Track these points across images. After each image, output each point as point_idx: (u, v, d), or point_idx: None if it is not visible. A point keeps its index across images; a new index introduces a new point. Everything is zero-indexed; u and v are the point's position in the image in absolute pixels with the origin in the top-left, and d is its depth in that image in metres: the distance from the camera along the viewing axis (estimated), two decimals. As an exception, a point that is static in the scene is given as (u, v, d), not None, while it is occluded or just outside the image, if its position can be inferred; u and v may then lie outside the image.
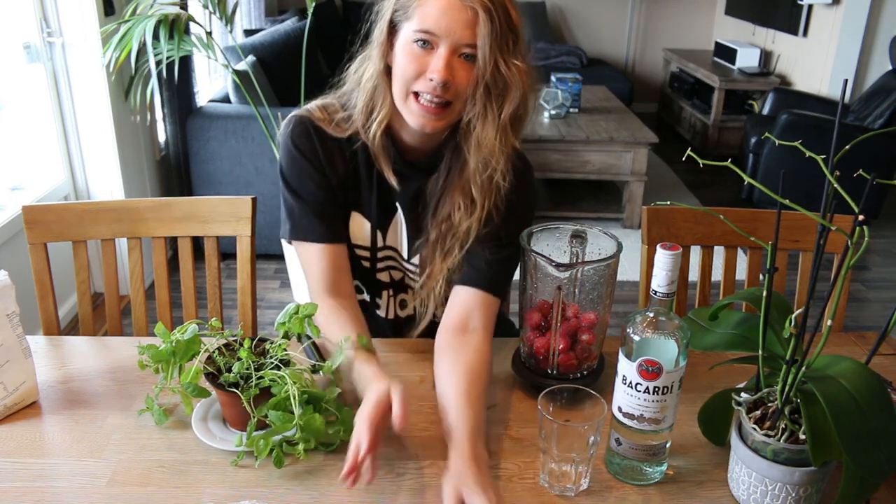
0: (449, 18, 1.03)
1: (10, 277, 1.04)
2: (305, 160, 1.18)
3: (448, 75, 1.04)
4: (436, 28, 1.03)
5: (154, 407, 1.03)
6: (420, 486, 0.93)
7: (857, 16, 4.42)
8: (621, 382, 0.92)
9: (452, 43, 1.04)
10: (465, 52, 1.05)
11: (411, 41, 1.06)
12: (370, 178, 1.21)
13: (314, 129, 1.18)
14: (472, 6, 1.02)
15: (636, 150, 3.81)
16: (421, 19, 1.04)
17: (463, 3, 1.02)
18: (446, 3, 1.03)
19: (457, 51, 1.05)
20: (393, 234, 1.26)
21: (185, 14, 2.57)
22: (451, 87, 1.06)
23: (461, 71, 1.06)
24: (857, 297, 3.31)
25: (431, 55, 1.05)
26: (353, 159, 1.20)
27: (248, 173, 3.18)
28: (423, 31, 1.04)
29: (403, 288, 1.31)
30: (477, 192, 1.14)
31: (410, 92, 1.08)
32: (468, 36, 1.03)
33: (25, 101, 2.69)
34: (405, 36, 1.07)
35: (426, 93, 1.06)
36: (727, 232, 1.44)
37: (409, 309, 1.32)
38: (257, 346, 1.04)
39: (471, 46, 1.04)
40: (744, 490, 0.89)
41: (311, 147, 1.18)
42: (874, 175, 0.76)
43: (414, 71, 1.06)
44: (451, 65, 1.05)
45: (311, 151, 1.18)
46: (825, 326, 0.82)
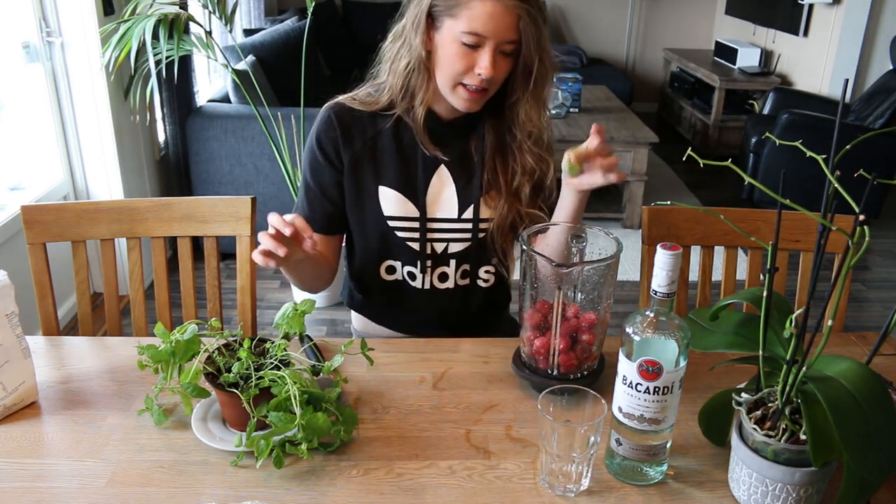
0: (496, 21, 1.14)
1: (9, 277, 1.04)
2: (321, 151, 1.30)
3: (494, 71, 1.18)
4: (483, 30, 1.15)
5: (154, 407, 1.03)
6: (420, 486, 0.93)
7: (858, 15, 4.42)
8: (621, 382, 0.92)
9: (497, 42, 1.16)
10: (506, 48, 1.18)
11: (458, 40, 1.17)
12: (399, 153, 1.31)
13: (336, 113, 1.30)
14: (516, 11, 1.14)
15: (636, 149, 3.81)
16: (469, 21, 1.15)
17: (507, 8, 1.14)
18: (493, 8, 1.13)
19: (499, 48, 1.17)
20: (434, 203, 1.33)
21: (185, 14, 2.57)
22: (494, 78, 1.20)
23: (501, 64, 1.20)
24: (857, 297, 3.31)
25: (477, 53, 1.17)
26: (375, 137, 1.31)
27: (248, 173, 3.18)
28: (471, 32, 1.15)
29: (445, 260, 1.36)
30: (532, 158, 1.32)
31: (459, 83, 1.21)
32: (511, 35, 1.16)
33: (25, 100, 2.68)
34: (451, 33, 1.17)
35: (473, 85, 1.20)
36: (727, 232, 1.44)
37: (450, 282, 1.38)
38: (257, 346, 1.04)
39: (511, 43, 1.17)
40: (744, 490, 0.89)
41: (329, 132, 1.30)
42: (875, 175, 0.76)
43: (463, 67, 1.19)
44: (495, 60, 1.18)
45: (329, 137, 1.30)
46: (826, 326, 0.81)
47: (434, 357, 1.21)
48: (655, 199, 4.17)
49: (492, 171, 1.32)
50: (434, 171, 1.32)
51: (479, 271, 1.38)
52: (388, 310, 1.44)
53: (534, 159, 1.32)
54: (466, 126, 1.32)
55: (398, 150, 1.30)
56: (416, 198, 1.31)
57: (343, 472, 0.95)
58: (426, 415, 1.07)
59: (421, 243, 1.33)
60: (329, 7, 5.54)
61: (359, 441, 1.01)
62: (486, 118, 1.32)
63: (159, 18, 2.47)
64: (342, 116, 1.30)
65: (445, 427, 1.04)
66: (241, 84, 2.91)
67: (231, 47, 3.41)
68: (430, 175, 1.32)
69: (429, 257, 1.35)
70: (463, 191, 1.32)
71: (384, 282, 1.38)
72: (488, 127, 1.32)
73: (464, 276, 1.38)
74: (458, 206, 1.33)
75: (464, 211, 1.33)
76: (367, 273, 1.39)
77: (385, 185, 1.31)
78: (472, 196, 1.32)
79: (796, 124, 3.72)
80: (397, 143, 1.30)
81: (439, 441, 1.01)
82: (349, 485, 0.93)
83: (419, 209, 1.32)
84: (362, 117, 1.30)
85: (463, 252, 1.35)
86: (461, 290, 1.39)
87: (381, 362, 1.19)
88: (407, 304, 1.40)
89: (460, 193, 1.32)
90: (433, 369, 1.19)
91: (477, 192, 1.32)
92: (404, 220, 1.32)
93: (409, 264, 1.36)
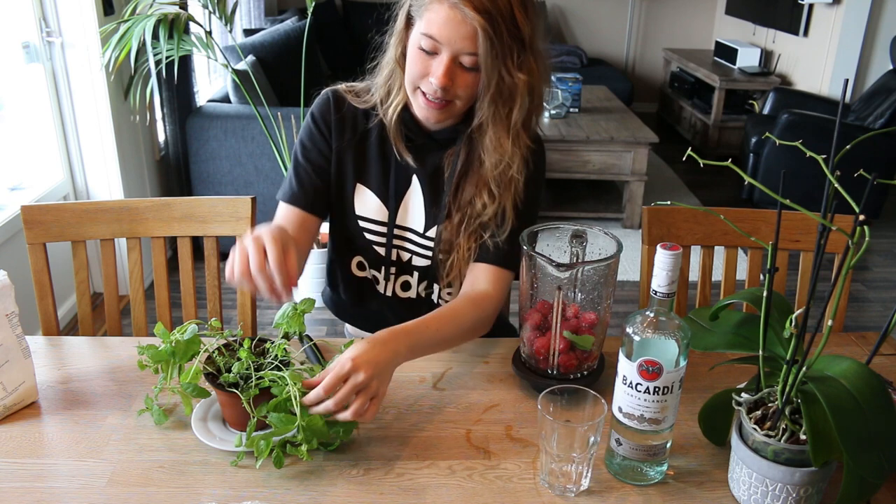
0: (450, 29, 1.07)
1: (9, 277, 1.04)
2: (315, 128, 1.28)
3: (447, 81, 1.10)
4: (438, 36, 1.08)
5: (154, 407, 1.03)
6: (420, 486, 0.93)
7: (858, 15, 4.42)
8: (621, 382, 0.92)
9: (453, 51, 1.09)
10: (465, 61, 1.10)
11: (418, 43, 1.11)
12: (382, 155, 1.27)
13: (334, 98, 1.28)
14: (473, 23, 1.05)
15: (636, 149, 3.81)
16: (427, 24, 1.09)
17: (464, 17, 1.05)
18: (447, 15, 1.06)
19: (457, 58, 1.10)
20: (405, 211, 1.29)
21: (185, 14, 2.57)
22: (451, 90, 1.12)
23: (462, 76, 1.11)
24: (857, 297, 3.31)
25: (435, 59, 1.11)
26: (365, 133, 1.28)
27: (248, 173, 3.18)
28: (427, 35, 1.09)
29: (409, 270, 1.33)
30: (495, 187, 1.21)
31: (416, 87, 1.15)
32: (468, 46, 1.08)
33: (25, 100, 2.68)
34: (415, 35, 1.13)
35: (428, 93, 1.13)
36: (727, 232, 1.44)
37: (412, 292, 1.35)
38: (257, 346, 1.04)
39: (471, 55, 1.09)
40: (744, 490, 0.89)
41: (325, 112, 1.27)
42: (875, 175, 0.76)
43: (419, 72, 1.13)
44: (452, 71, 1.10)
45: (323, 118, 1.27)
46: (826, 326, 0.81)
47: (434, 357, 1.21)
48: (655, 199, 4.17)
49: (453, 193, 1.24)
50: (408, 179, 1.27)
51: (443, 292, 1.33)
52: (355, 307, 1.42)
53: (486, 193, 1.21)
54: (447, 140, 1.25)
55: (380, 152, 1.27)
56: (388, 203, 1.28)
57: (343, 472, 0.95)
58: (426, 415, 1.07)
59: (387, 248, 1.31)
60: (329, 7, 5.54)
61: (359, 441, 1.01)
62: (465, 136, 1.23)
63: (159, 18, 2.47)
64: (339, 104, 1.27)
65: (445, 427, 1.04)
66: (241, 84, 2.91)
67: (231, 47, 3.41)
68: (403, 183, 1.28)
69: (393, 264, 1.33)
70: (430, 208, 1.27)
71: (355, 277, 1.37)
72: (464, 146, 1.23)
73: (426, 290, 1.34)
74: (424, 221, 1.29)
75: (429, 228, 1.29)
76: (341, 266, 1.37)
77: (362, 184, 1.29)
78: (439, 217, 1.27)
79: (796, 124, 3.72)
80: (380, 144, 1.27)
81: (439, 441, 1.01)
82: (349, 485, 0.93)
83: (390, 214, 1.29)
84: (356, 112, 1.27)
85: (424, 268, 1.32)
86: (424, 301, 1.35)
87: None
88: (372, 303, 1.37)
89: (427, 209, 1.28)
90: (433, 369, 1.19)
91: (443, 212, 1.26)
92: (374, 223, 1.30)
93: (374, 267, 1.34)
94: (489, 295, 1.21)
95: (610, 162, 3.84)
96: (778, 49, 5.30)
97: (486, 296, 1.21)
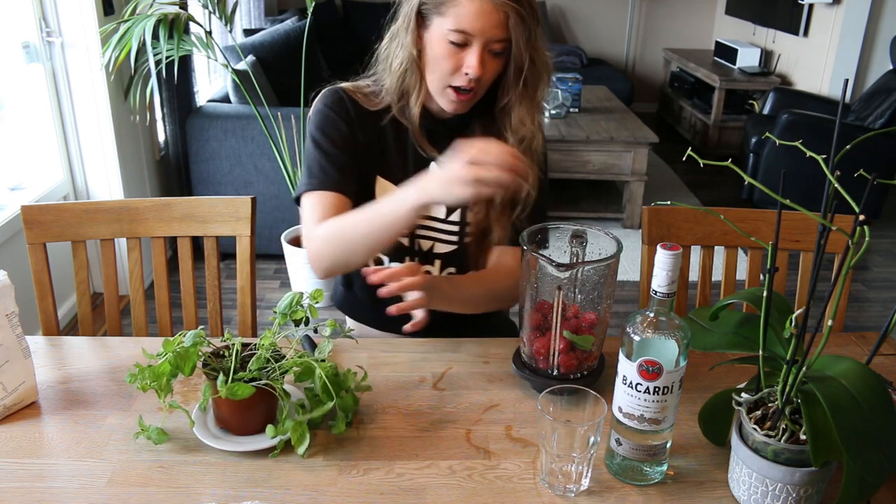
0: (483, 20, 1.12)
1: (9, 277, 1.04)
2: (337, 115, 1.28)
3: (482, 70, 1.16)
4: (471, 28, 1.13)
5: (150, 428, 0.99)
6: (420, 486, 0.93)
7: (858, 15, 4.42)
8: (621, 382, 0.92)
9: (485, 41, 1.15)
10: (496, 48, 1.16)
11: (446, 39, 1.15)
12: (399, 148, 1.30)
13: (347, 98, 1.29)
14: (504, 8, 1.12)
15: (636, 149, 3.81)
16: (456, 20, 1.13)
17: (495, 6, 1.12)
18: (481, 5, 1.12)
19: (488, 46, 1.15)
20: None
21: (185, 14, 2.57)
22: (482, 79, 1.19)
23: (490, 64, 1.18)
24: (857, 297, 3.31)
25: (465, 51, 1.16)
26: (380, 131, 1.30)
27: (248, 173, 3.17)
28: (458, 30, 1.13)
29: (431, 259, 1.35)
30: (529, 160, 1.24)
31: (447, 85, 1.19)
32: (499, 33, 1.14)
33: (25, 100, 2.69)
34: (439, 31, 1.16)
35: (461, 85, 1.18)
36: (727, 232, 1.44)
37: None
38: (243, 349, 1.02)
39: (500, 42, 1.15)
40: (744, 490, 0.89)
41: (344, 108, 1.29)
42: (875, 175, 0.76)
43: (451, 67, 1.17)
44: (483, 60, 1.16)
45: (344, 111, 1.28)
46: (826, 326, 0.81)
47: (434, 357, 1.21)
48: (655, 199, 4.17)
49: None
50: (425, 168, 1.30)
51: None
52: (372, 304, 1.41)
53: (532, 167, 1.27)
54: (460, 125, 1.30)
55: (398, 146, 1.31)
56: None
57: (343, 472, 0.95)
58: (426, 415, 1.07)
59: (410, 238, 1.33)
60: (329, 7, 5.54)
61: (359, 441, 1.01)
62: (477, 119, 1.29)
63: (159, 18, 2.47)
64: (354, 102, 1.29)
65: (445, 427, 1.04)
66: (241, 84, 2.91)
67: (231, 47, 3.41)
68: (422, 172, 1.29)
69: (415, 254, 1.35)
70: None
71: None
72: (478, 129, 1.29)
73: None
74: (445, 207, 1.31)
75: (451, 213, 1.32)
76: None
77: (383, 177, 1.31)
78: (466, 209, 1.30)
79: (796, 124, 3.72)
80: (397, 137, 1.31)
81: (439, 441, 1.01)
82: (349, 485, 0.93)
83: None
84: (367, 112, 1.30)
85: (447, 255, 1.34)
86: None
87: (380, 362, 1.19)
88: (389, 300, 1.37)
89: None
90: (433, 369, 1.19)
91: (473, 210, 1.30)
92: None
93: (396, 259, 1.35)
94: (514, 269, 1.27)
95: (610, 162, 3.84)
96: (778, 49, 5.30)
97: (513, 269, 1.28)
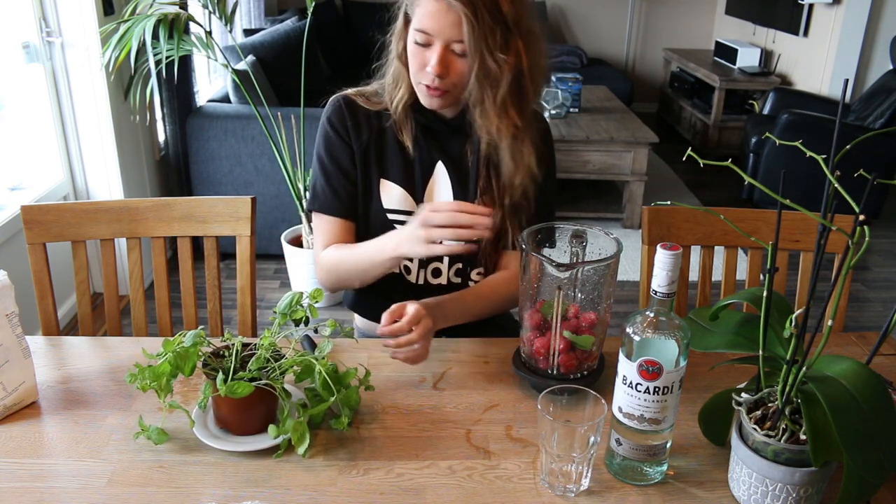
0: (440, 20, 1.14)
1: (9, 277, 1.04)
2: (335, 133, 1.33)
3: (442, 69, 1.17)
4: (429, 28, 1.16)
5: (150, 428, 0.98)
6: (420, 486, 0.93)
7: (858, 15, 4.42)
8: (621, 382, 0.92)
9: (444, 40, 1.16)
10: (457, 48, 1.17)
11: (413, 39, 1.19)
12: (401, 149, 1.33)
13: (346, 103, 1.33)
14: (456, 10, 1.12)
15: (636, 149, 3.81)
16: (418, 19, 1.17)
17: (449, 6, 1.13)
18: (435, 7, 1.14)
19: (449, 46, 1.17)
20: (431, 198, 1.34)
21: (185, 14, 2.57)
22: (447, 78, 1.19)
23: (456, 63, 1.18)
24: (857, 297, 3.31)
25: (429, 50, 1.18)
26: (381, 131, 1.33)
27: (248, 173, 3.17)
28: (419, 30, 1.17)
29: (439, 256, 1.36)
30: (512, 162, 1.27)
31: (419, 81, 1.22)
32: (457, 34, 1.15)
33: (25, 100, 2.68)
34: (411, 32, 1.20)
35: (429, 84, 1.20)
36: (728, 232, 1.44)
37: (443, 278, 1.38)
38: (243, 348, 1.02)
39: (460, 42, 1.16)
40: (744, 490, 0.89)
41: (341, 118, 1.32)
42: (875, 175, 0.76)
43: (417, 65, 1.20)
44: (446, 59, 1.17)
45: (340, 122, 1.32)
46: (826, 326, 0.81)
47: (434, 357, 1.21)
48: (655, 199, 4.17)
49: (486, 177, 1.32)
50: (432, 168, 1.33)
51: (472, 273, 1.38)
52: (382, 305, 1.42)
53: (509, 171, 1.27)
54: (462, 125, 1.31)
55: (400, 147, 1.33)
56: (414, 193, 1.33)
57: (343, 472, 0.95)
58: (426, 415, 1.07)
59: None
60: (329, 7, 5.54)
61: (359, 441, 1.01)
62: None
63: (159, 18, 2.47)
64: (352, 108, 1.33)
65: (445, 427, 1.05)
66: (241, 84, 2.91)
67: (231, 47, 3.40)
68: (428, 172, 1.33)
69: None
70: (459, 190, 1.33)
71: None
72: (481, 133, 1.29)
73: (457, 275, 1.38)
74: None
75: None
76: None
77: (387, 179, 1.33)
78: (468, 198, 1.33)
79: (796, 124, 3.72)
80: (395, 140, 1.33)
81: (439, 441, 1.01)
82: (349, 485, 0.93)
83: (418, 203, 1.33)
84: (369, 113, 1.33)
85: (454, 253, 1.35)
86: (454, 287, 1.38)
87: (381, 362, 1.19)
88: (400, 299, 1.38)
89: (456, 193, 1.33)
90: (433, 369, 1.19)
91: (472, 195, 1.32)
92: (404, 214, 1.33)
93: (406, 258, 1.36)
94: (517, 275, 1.30)
95: (610, 162, 3.84)
96: (778, 49, 5.29)
97: (515, 275, 1.32)
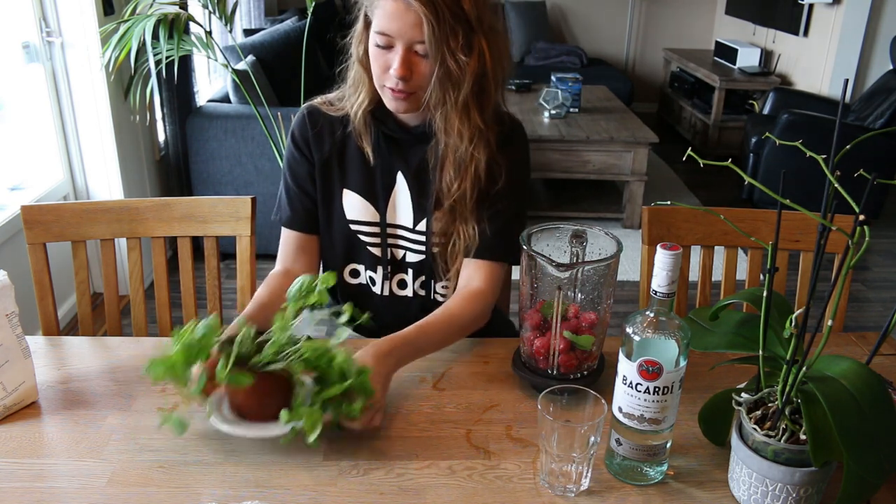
0: (400, 21, 1.11)
1: (9, 277, 1.04)
2: (295, 147, 1.31)
3: (405, 71, 1.14)
4: (389, 30, 1.12)
5: (173, 418, 0.95)
6: (420, 486, 0.93)
7: (858, 15, 4.42)
8: (621, 382, 0.92)
9: (405, 42, 1.13)
10: (419, 49, 1.13)
11: (374, 42, 1.15)
12: (363, 158, 1.29)
13: (309, 113, 1.31)
14: (416, 10, 1.09)
15: (636, 149, 3.81)
16: (378, 21, 1.13)
17: (408, 7, 1.09)
18: (394, 7, 1.10)
19: (411, 47, 1.13)
20: (393, 209, 1.31)
21: (185, 14, 2.57)
22: (412, 80, 1.15)
23: (419, 64, 1.15)
24: (857, 297, 3.31)
25: (391, 53, 1.14)
26: (343, 140, 1.30)
27: (248, 173, 3.18)
28: (380, 32, 1.13)
29: (404, 268, 1.35)
30: (454, 168, 1.23)
31: (382, 84, 1.18)
32: (417, 34, 1.11)
33: (25, 100, 2.68)
34: (371, 35, 1.16)
35: (392, 86, 1.16)
36: (728, 232, 1.44)
37: (408, 290, 1.36)
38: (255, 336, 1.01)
39: (422, 43, 1.12)
40: (744, 490, 0.89)
41: (303, 130, 1.30)
42: (875, 175, 0.76)
43: (380, 68, 1.16)
44: (409, 60, 1.14)
45: (302, 136, 1.31)
46: (826, 326, 0.81)
47: (434, 357, 1.21)
48: (655, 199, 4.17)
49: (438, 182, 1.26)
50: (393, 177, 1.30)
51: (437, 286, 1.35)
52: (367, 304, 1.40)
53: (453, 173, 1.23)
54: (425, 134, 1.26)
55: (361, 155, 1.29)
56: (377, 203, 1.31)
57: (343, 472, 0.95)
58: (426, 415, 1.07)
59: (382, 248, 1.33)
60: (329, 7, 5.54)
61: (359, 441, 1.01)
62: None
63: (159, 18, 2.47)
64: (315, 117, 1.30)
65: (445, 427, 1.04)
66: (241, 84, 2.91)
67: (231, 47, 3.41)
68: (389, 182, 1.30)
69: (389, 263, 1.34)
70: (418, 201, 1.29)
71: (348, 285, 1.37)
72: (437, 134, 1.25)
73: (422, 287, 1.36)
74: (413, 216, 1.30)
75: (419, 222, 1.31)
76: None
77: (349, 189, 1.31)
78: (427, 208, 1.29)
79: (796, 124, 3.72)
80: (357, 147, 1.29)
81: (439, 441, 1.01)
82: (349, 485, 0.93)
83: (380, 214, 1.31)
84: (333, 121, 1.30)
85: (419, 264, 1.34)
86: (420, 299, 1.36)
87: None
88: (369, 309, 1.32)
89: (415, 204, 1.30)
90: (433, 369, 1.19)
91: (431, 204, 1.28)
92: (366, 225, 1.32)
93: (371, 269, 1.35)
94: (482, 291, 1.25)
95: (610, 162, 3.84)
96: (778, 49, 5.30)
97: (479, 292, 1.25)
